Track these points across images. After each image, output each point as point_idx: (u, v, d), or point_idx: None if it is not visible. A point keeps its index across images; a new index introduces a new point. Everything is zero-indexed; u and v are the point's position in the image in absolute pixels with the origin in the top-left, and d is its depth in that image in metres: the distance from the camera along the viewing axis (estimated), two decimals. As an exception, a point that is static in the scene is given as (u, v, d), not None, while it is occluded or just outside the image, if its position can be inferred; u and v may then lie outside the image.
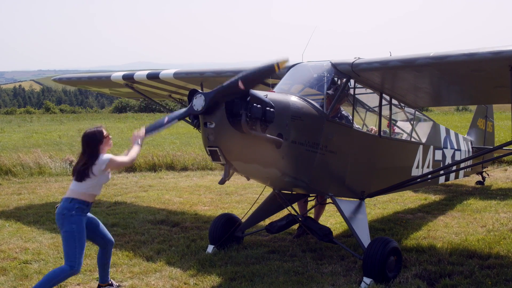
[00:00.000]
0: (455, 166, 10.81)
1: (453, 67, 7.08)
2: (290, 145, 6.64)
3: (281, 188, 7.81)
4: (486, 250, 8.13)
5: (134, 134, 6.32)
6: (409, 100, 9.13)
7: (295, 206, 8.84)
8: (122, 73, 11.79)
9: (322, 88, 7.52)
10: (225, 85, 6.02)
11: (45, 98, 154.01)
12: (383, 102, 8.40)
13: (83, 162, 5.96)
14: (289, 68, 8.18)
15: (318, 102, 7.20)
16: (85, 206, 5.99)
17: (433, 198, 12.87)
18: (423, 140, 9.89)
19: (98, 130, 6.08)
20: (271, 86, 7.88)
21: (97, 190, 6.11)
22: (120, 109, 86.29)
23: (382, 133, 8.41)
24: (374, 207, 11.61)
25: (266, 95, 6.38)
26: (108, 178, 6.17)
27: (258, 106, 6.09)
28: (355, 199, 7.93)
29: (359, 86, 8.14)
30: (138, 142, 6.24)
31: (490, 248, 8.21)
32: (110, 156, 6.00)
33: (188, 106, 6.19)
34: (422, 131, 10.09)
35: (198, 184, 15.59)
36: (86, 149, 6.00)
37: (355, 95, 8.16)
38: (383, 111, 8.47)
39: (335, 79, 7.69)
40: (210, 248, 8.20)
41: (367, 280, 6.62)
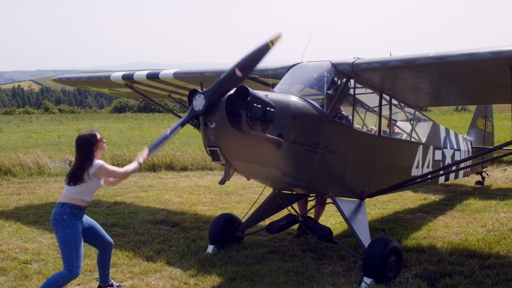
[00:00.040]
0: (455, 166, 10.82)
1: (453, 67, 7.08)
2: (290, 145, 6.63)
3: (281, 188, 7.80)
4: (486, 250, 8.13)
5: (137, 154, 6.20)
6: (409, 100, 9.14)
7: (295, 206, 8.84)
8: (122, 73, 11.77)
9: (322, 88, 7.51)
10: (222, 77, 6.04)
11: (44, 98, 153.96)
12: (383, 102, 8.40)
13: (75, 166, 5.87)
14: (289, 68, 8.19)
15: (318, 102, 7.19)
16: (77, 211, 5.87)
17: (432, 198, 12.88)
18: (423, 140, 9.90)
19: (92, 133, 5.98)
20: (271, 86, 7.88)
21: (87, 196, 5.94)
22: (119, 109, 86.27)
23: (382, 133, 8.41)
24: (374, 207, 11.61)
25: (267, 95, 6.37)
26: (99, 185, 6.01)
27: (259, 106, 6.08)
28: (355, 199, 7.93)
29: (359, 86, 8.14)
30: (139, 160, 6.09)
31: (490, 248, 8.21)
32: (101, 162, 5.89)
33: (189, 110, 6.15)
34: (422, 131, 10.09)
35: (198, 184, 15.58)
36: (79, 152, 5.89)
37: (355, 95, 8.16)
38: (383, 111, 8.47)
39: (335, 79, 7.69)
40: (210, 248, 8.20)
41: (368, 280, 6.62)
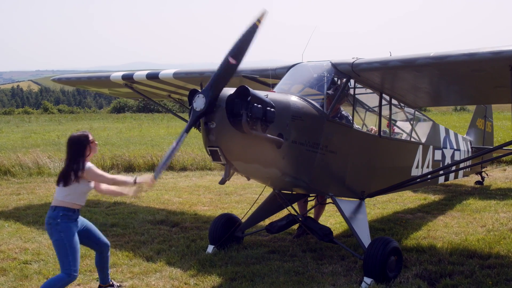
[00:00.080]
0: (455, 166, 10.82)
1: (453, 67, 7.08)
2: (290, 145, 6.63)
3: (281, 188, 7.80)
4: (486, 250, 8.13)
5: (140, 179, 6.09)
6: (409, 100, 9.14)
7: (295, 206, 8.83)
8: (122, 73, 11.76)
9: (322, 88, 7.51)
10: (217, 70, 6.05)
11: (43, 98, 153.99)
12: (383, 102, 8.40)
13: (65, 166, 5.81)
14: (289, 68, 8.19)
15: (318, 102, 7.19)
16: (71, 213, 5.80)
17: (432, 198, 12.88)
18: (423, 140, 9.90)
19: (84, 134, 5.93)
20: (271, 86, 7.88)
21: (78, 199, 5.85)
22: (118, 109, 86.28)
23: (382, 133, 8.41)
24: (374, 207, 11.61)
25: (267, 95, 6.36)
26: (89, 187, 5.94)
27: (259, 106, 6.08)
28: (355, 199, 7.92)
29: (359, 86, 8.14)
30: (136, 179, 6.02)
31: (490, 248, 8.21)
32: (90, 164, 5.81)
33: (192, 113, 6.10)
34: (422, 131, 10.09)
35: (197, 184, 15.57)
36: (70, 153, 5.82)
37: (355, 95, 8.16)
38: (383, 111, 8.47)
39: (335, 79, 7.69)
40: (210, 248, 8.19)
41: (368, 280, 6.62)
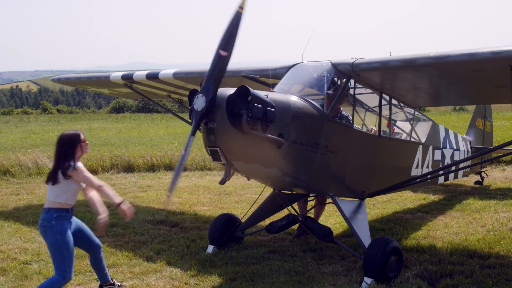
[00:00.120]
0: (454, 166, 10.83)
1: (453, 67, 7.08)
2: (290, 145, 6.62)
3: (281, 188, 7.79)
4: (486, 249, 8.13)
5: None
6: (408, 100, 9.14)
7: (295, 206, 8.83)
8: (121, 73, 11.74)
9: (322, 88, 7.51)
10: (211, 66, 6.11)
11: (42, 99, 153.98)
12: (383, 102, 8.41)
13: (54, 164, 5.74)
14: (289, 68, 8.18)
15: (318, 102, 7.18)
16: (65, 213, 5.73)
17: (432, 198, 12.88)
18: (423, 140, 9.90)
19: (76, 133, 5.87)
20: (271, 86, 7.88)
21: (68, 199, 5.75)
22: (117, 109, 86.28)
23: (382, 133, 8.41)
24: (374, 207, 11.61)
25: (267, 95, 6.36)
26: (79, 187, 5.82)
27: (259, 106, 6.07)
28: (355, 199, 7.92)
29: (359, 86, 8.14)
30: (122, 203, 5.80)
31: (490, 247, 8.22)
32: (79, 164, 5.71)
33: (193, 114, 6.10)
34: (422, 131, 10.09)
35: (197, 184, 15.57)
36: (60, 151, 5.74)
37: (355, 95, 8.16)
38: (383, 111, 8.47)
39: (335, 79, 7.69)
40: (210, 248, 8.19)
41: (368, 280, 6.62)
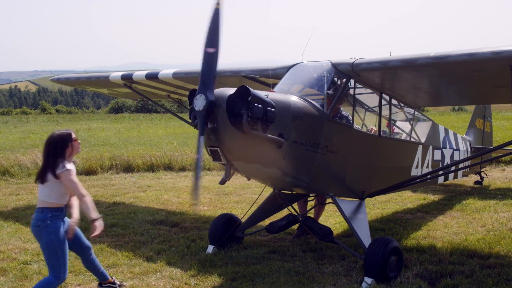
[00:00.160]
0: (454, 166, 10.83)
1: (453, 67, 7.08)
2: (291, 145, 6.62)
3: (281, 188, 7.79)
4: (486, 249, 8.14)
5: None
6: (408, 100, 9.14)
7: (295, 206, 8.83)
8: (121, 73, 11.73)
9: (322, 88, 7.50)
10: (202, 65, 6.08)
11: (41, 99, 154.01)
12: (383, 102, 8.41)
13: (43, 164, 5.67)
14: (289, 68, 8.18)
15: (318, 102, 7.18)
16: (59, 212, 5.65)
17: (432, 198, 12.88)
18: (422, 140, 9.90)
19: (67, 132, 5.80)
20: (271, 86, 7.87)
21: (58, 198, 5.64)
22: (116, 109, 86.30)
23: (382, 133, 8.41)
24: (373, 207, 11.61)
25: (267, 95, 6.36)
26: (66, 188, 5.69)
27: (259, 106, 6.07)
28: (355, 199, 7.92)
29: (359, 86, 8.14)
30: (96, 219, 5.63)
31: (490, 247, 8.22)
32: (69, 166, 5.59)
33: (197, 115, 5.99)
34: (421, 131, 10.10)
35: (197, 184, 15.53)
36: (51, 150, 5.65)
37: (355, 95, 8.16)
38: (383, 111, 8.47)
39: (335, 79, 7.69)
40: (210, 248, 8.19)
41: (368, 280, 6.62)
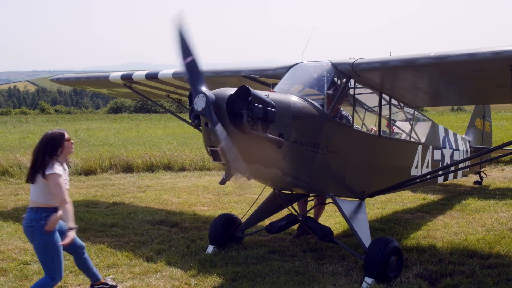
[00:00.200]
0: (454, 166, 10.82)
1: (453, 67, 7.08)
2: (291, 145, 6.62)
3: (281, 188, 7.79)
4: (486, 249, 8.14)
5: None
6: (408, 100, 9.14)
7: (295, 206, 8.82)
8: (121, 73, 11.72)
9: (322, 88, 7.50)
10: (187, 75, 6.18)
11: (40, 99, 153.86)
12: (383, 102, 8.40)
13: (32, 163, 5.62)
14: (289, 68, 8.17)
15: (318, 102, 7.18)
16: (53, 212, 5.60)
17: (431, 198, 12.88)
18: (422, 140, 9.90)
19: (60, 132, 5.77)
20: (271, 86, 7.87)
21: (46, 198, 5.57)
22: (115, 109, 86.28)
23: (381, 133, 8.41)
24: (373, 207, 11.61)
25: (267, 95, 6.36)
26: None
27: (260, 106, 6.06)
28: (355, 199, 7.92)
29: (359, 86, 8.13)
30: (71, 228, 5.40)
31: (490, 247, 8.22)
32: (57, 170, 5.50)
33: (210, 111, 5.93)
34: (421, 131, 10.09)
35: (196, 184, 15.55)
36: (42, 149, 5.61)
37: (355, 95, 8.15)
38: (383, 111, 8.47)
39: (335, 79, 7.68)
40: (210, 248, 8.18)
41: (369, 280, 6.62)
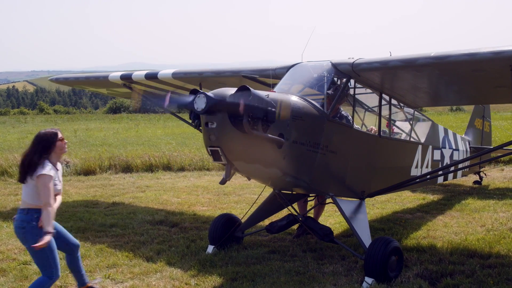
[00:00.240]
0: (454, 166, 10.82)
1: (454, 67, 7.08)
2: (291, 145, 6.62)
3: (281, 188, 7.78)
4: (486, 249, 8.14)
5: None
6: (408, 100, 9.13)
7: (295, 206, 8.82)
8: (120, 73, 11.70)
9: (322, 88, 7.49)
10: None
11: (38, 99, 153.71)
12: (383, 102, 8.40)
13: (21, 163, 5.56)
14: (288, 68, 8.17)
15: (318, 102, 7.17)
16: None
17: (431, 197, 12.89)
18: (422, 140, 9.90)
19: (52, 131, 5.73)
20: (271, 86, 7.86)
21: (39, 200, 5.44)
22: (114, 109, 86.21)
23: (381, 133, 8.40)
24: (373, 207, 11.61)
25: (268, 95, 6.35)
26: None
27: (260, 106, 6.06)
28: (355, 199, 7.92)
29: (359, 86, 8.13)
30: (48, 231, 5.32)
31: (490, 247, 8.22)
32: (46, 171, 5.43)
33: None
34: (421, 131, 10.09)
35: (196, 184, 15.55)
36: (34, 148, 5.58)
37: (355, 95, 8.15)
38: (383, 111, 8.46)
39: (335, 79, 7.67)
40: (210, 248, 8.18)
41: (369, 280, 6.62)
